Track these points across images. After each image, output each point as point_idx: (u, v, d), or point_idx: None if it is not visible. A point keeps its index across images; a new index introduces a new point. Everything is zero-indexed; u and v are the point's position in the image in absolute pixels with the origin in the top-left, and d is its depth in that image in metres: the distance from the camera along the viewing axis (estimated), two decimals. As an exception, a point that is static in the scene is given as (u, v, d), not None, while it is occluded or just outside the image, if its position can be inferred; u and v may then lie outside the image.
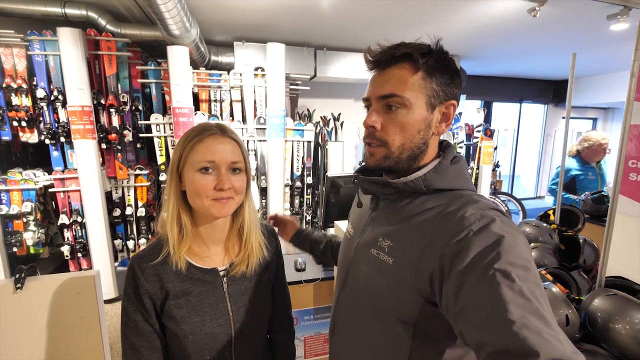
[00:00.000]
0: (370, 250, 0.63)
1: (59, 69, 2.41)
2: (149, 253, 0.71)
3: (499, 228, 0.50)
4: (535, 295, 0.43)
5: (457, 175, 0.61)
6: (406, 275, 0.56)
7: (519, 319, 0.40)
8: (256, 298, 0.78)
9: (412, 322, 0.56)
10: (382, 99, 0.59)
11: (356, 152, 4.69)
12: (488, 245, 0.48)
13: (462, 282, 0.47)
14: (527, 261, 0.47)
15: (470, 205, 0.54)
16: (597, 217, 2.48)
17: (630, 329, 0.99)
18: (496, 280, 0.44)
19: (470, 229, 0.50)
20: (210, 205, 0.68)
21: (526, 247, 0.49)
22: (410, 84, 0.57)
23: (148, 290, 0.69)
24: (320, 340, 1.59)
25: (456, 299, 0.47)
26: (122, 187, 2.83)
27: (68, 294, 0.92)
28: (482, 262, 0.47)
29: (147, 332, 0.70)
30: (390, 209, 0.64)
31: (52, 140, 2.50)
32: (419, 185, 0.59)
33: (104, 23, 2.49)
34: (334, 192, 1.58)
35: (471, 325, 0.45)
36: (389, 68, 0.59)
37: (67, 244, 2.62)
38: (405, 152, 0.59)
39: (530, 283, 0.44)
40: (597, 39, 3.26)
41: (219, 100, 3.04)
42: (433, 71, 0.57)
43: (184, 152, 0.68)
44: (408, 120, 0.58)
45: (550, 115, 6.09)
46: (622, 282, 1.18)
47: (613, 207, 1.13)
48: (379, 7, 2.51)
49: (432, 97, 0.58)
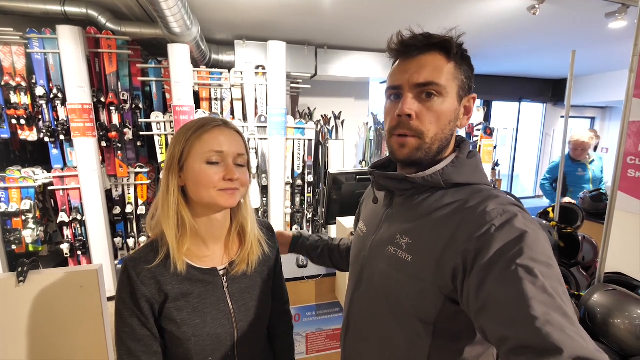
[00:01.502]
0: (387, 247, 0.61)
1: (58, 67, 2.41)
2: (144, 255, 0.69)
3: (521, 223, 0.49)
4: (558, 292, 0.43)
5: (474, 169, 0.60)
6: (426, 272, 0.55)
7: (542, 315, 0.40)
8: (257, 295, 0.78)
9: (432, 321, 0.55)
10: (418, 87, 0.57)
11: (356, 150, 4.70)
12: (511, 240, 0.47)
13: (485, 277, 0.46)
14: (549, 258, 0.47)
15: (492, 200, 0.53)
16: (596, 215, 2.49)
17: (629, 324, 1.00)
18: (519, 276, 0.44)
19: (492, 223, 0.50)
20: (217, 196, 0.66)
21: (548, 244, 0.49)
22: (445, 72, 0.56)
23: (145, 294, 0.66)
24: (322, 336, 1.59)
25: (478, 294, 0.47)
26: (122, 185, 2.83)
27: (71, 288, 0.92)
28: (504, 257, 0.46)
29: (144, 337, 0.68)
30: (406, 205, 0.63)
31: (51, 138, 2.49)
32: (437, 180, 0.58)
33: (104, 21, 2.48)
34: (336, 188, 1.59)
35: (493, 320, 0.44)
36: (422, 55, 0.57)
37: (66, 242, 2.62)
38: (437, 144, 0.58)
39: (553, 280, 0.44)
40: (595, 38, 3.28)
41: (220, 98, 3.04)
42: (462, 63, 0.58)
43: (188, 144, 0.66)
44: (444, 110, 0.57)
45: (549, 114, 6.11)
46: (620, 277, 1.19)
47: (612, 204, 1.14)
48: (379, 7, 2.51)
49: (461, 88, 0.58)
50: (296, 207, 3.48)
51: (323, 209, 1.85)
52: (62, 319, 0.94)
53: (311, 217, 3.64)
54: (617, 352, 1.02)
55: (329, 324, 1.59)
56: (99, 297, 0.94)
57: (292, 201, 3.47)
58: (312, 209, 3.62)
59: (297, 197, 3.47)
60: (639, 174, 1.31)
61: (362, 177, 1.63)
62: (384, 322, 0.62)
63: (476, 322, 0.47)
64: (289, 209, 3.42)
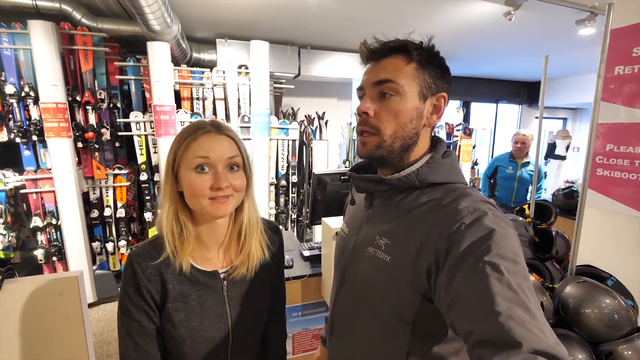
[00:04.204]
0: (368, 248, 0.62)
1: (30, 63, 2.30)
2: (149, 251, 0.68)
3: (490, 221, 0.50)
4: (522, 288, 0.44)
5: (449, 168, 0.61)
6: (403, 272, 0.56)
7: (505, 310, 0.42)
8: (255, 302, 0.77)
9: (411, 321, 0.56)
10: (376, 85, 0.59)
11: (340, 150, 4.73)
12: (479, 237, 0.49)
13: (454, 274, 0.48)
14: (516, 255, 0.48)
15: (464, 199, 0.55)
16: (568, 211, 2.63)
17: (599, 312, 1.07)
18: (485, 273, 0.45)
19: (462, 222, 0.51)
20: (207, 205, 0.65)
21: (516, 241, 0.50)
22: (404, 72, 0.58)
23: (150, 290, 0.66)
24: (308, 336, 1.60)
25: (447, 290, 0.48)
26: (100, 187, 2.73)
27: (50, 296, 0.88)
28: (472, 254, 0.47)
29: (152, 331, 0.68)
30: (385, 206, 0.64)
31: (23, 139, 2.38)
32: (412, 180, 0.59)
33: (79, 17, 2.39)
34: (321, 189, 1.60)
35: (460, 315, 0.46)
36: (384, 59, 0.60)
37: (40, 248, 2.50)
38: (398, 141, 0.60)
39: (518, 276, 0.45)
40: (566, 43, 3.45)
41: (202, 98, 2.99)
42: (425, 64, 0.59)
43: (179, 152, 0.66)
44: (401, 108, 0.58)
45: (524, 115, 6.35)
46: (591, 270, 1.26)
47: (582, 201, 1.21)
48: (361, 8, 2.55)
49: (424, 87, 0.59)
50: (280, 207, 3.47)
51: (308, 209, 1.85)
52: (42, 328, 0.91)
53: (296, 217, 3.64)
54: (588, 339, 1.08)
55: (314, 323, 1.60)
56: (79, 304, 0.91)
57: (277, 202, 3.46)
58: (296, 209, 3.61)
59: (282, 198, 3.46)
60: (607, 173, 1.39)
61: (346, 177, 1.65)
62: (365, 322, 0.64)
63: (447, 318, 0.49)
64: (273, 210, 3.40)
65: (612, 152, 1.37)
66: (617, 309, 1.06)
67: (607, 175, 1.41)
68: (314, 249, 1.71)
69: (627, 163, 1.34)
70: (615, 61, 1.34)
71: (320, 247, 1.69)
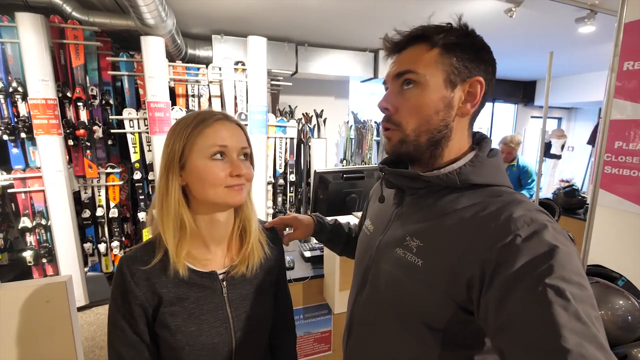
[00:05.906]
0: (396, 249, 0.58)
1: (18, 58, 2.21)
2: (140, 254, 0.64)
3: (551, 236, 0.44)
4: (591, 319, 0.38)
5: (495, 170, 0.55)
6: (438, 279, 0.51)
7: (575, 346, 0.36)
8: (258, 303, 0.73)
9: (441, 328, 0.52)
10: (396, 78, 0.56)
11: (337, 149, 4.69)
12: (539, 255, 0.42)
13: (507, 294, 0.42)
14: (582, 277, 0.42)
15: (516, 206, 0.48)
16: (568, 210, 2.61)
17: (612, 314, 1.03)
18: (548, 299, 0.39)
19: (517, 233, 0.45)
20: (224, 193, 0.63)
21: (579, 261, 0.44)
22: (425, 60, 0.54)
23: (138, 297, 0.62)
24: (310, 340, 1.55)
25: (498, 311, 0.42)
26: (92, 186, 2.65)
27: (36, 303, 0.82)
28: (531, 274, 0.41)
29: (135, 342, 0.63)
30: (418, 205, 0.59)
31: (11, 137, 2.28)
32: (453, 179, 0.53)
33: (70, 10, 2.31)
34: (322, 187, 1.55)
35: (517, 346, 0.40)
36: (405, 49, 0.57)
37: (29, 249, 2.41)
38: (423, 136, 0.55)
39: (586, 304, 0.40)
40: (565, 42, 3.44)
41: (197, 95, 2.92)
42: (453, 47, 0.54)
43: (189, 140, 0.62)
44: (423, 100, 0.54)
45: (520, 115, 6.37)
46: (600, 270, 1.24)
47: (594, 200, 1.17)
48: (359, 4, 2.51)
49: (451, 74, 0.54)
50: (278, 207, 3.42)
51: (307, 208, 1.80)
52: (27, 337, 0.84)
53: (294, 217, 3.58)
54: (601, 343, 1.05)
55: (316, 327, 1.55)
56: (68, 311, 0.84)
57: (274, 201, 3.40)
58: (294, 208, 3.56)
59: (280, 197, 3.40)
60: (615, 171, 1.37)
61: (349, 175, 1.61)
62: (389, 328, 0.59)
63: (493, 341, 0.44)
64: (271, 209, 3.35)
65: (621, 149, 1.35)
66: (630, 310, 1.03)
67: (615, 173, 1.38)
68: (315, 249, 1.65)
69: (636, 160, 1.31)
70: (625, 57, 1.31)
71: (321, 247, 1.64)
